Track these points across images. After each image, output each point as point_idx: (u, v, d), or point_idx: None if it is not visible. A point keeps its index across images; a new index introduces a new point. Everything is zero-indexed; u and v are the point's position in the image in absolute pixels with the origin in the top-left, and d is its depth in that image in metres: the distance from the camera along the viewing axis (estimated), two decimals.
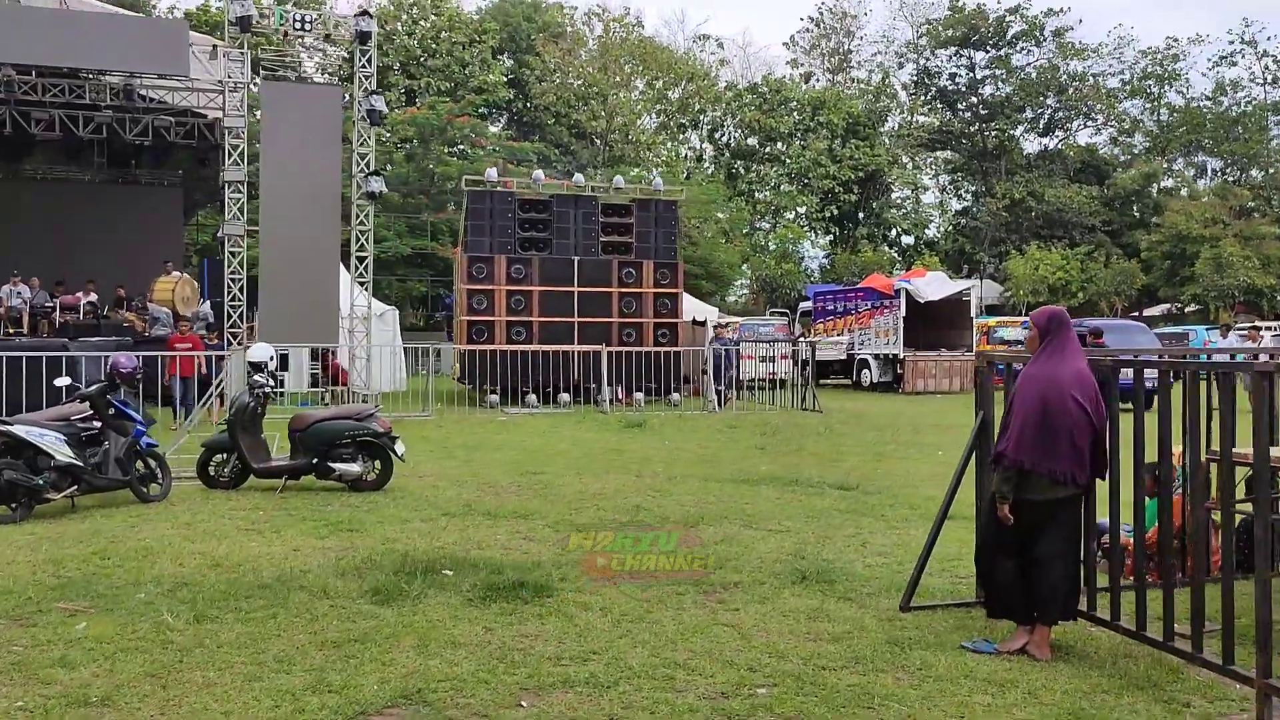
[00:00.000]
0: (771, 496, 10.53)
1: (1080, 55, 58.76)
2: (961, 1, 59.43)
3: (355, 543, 8.06)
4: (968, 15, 58.63)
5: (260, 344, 11.12)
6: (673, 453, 14.51)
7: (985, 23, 58.38)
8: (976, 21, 58.47)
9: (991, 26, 58.53)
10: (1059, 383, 5.31)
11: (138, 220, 26.03)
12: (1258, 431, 4.38)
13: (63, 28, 19.70)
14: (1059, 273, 48.29)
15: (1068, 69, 59.12)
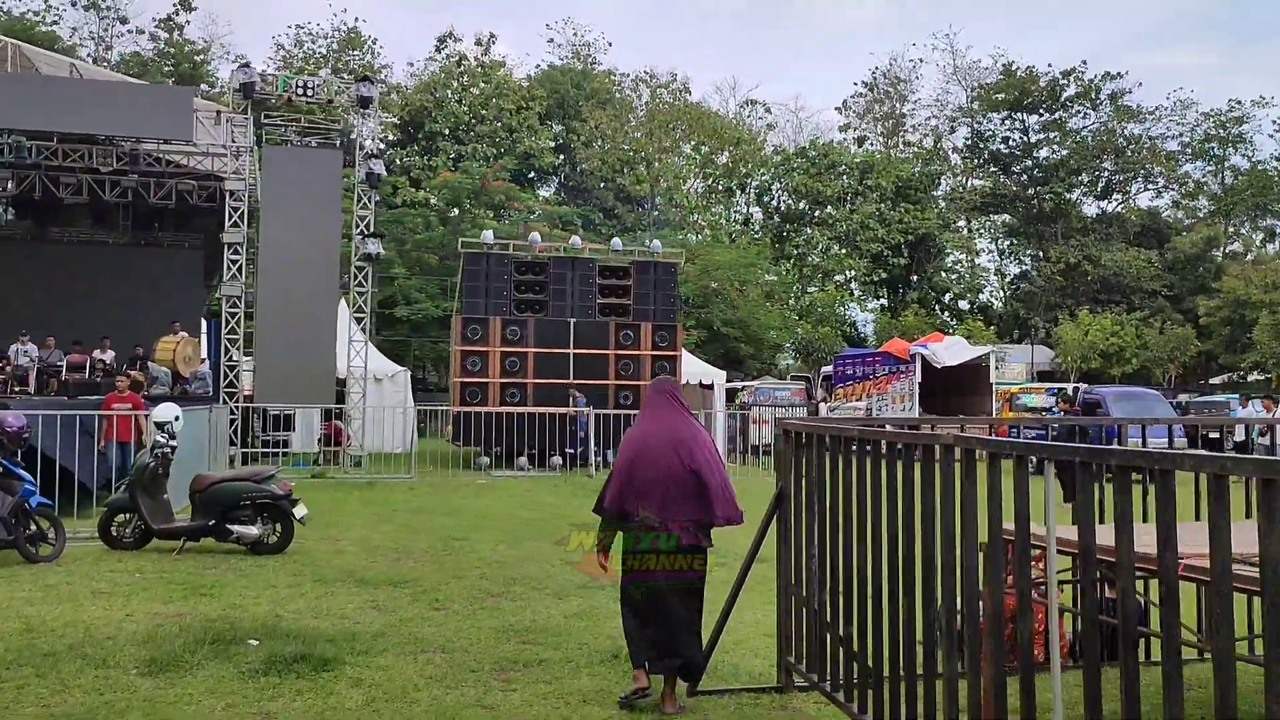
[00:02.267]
0: None
1: (1138, 118, 57.64)
2: (1014, 65, 58.88)
3: (194, 609, 7.86)
4: (1020, 79, 58.00)
5: (165, 404, 11.07)
6: None
7: (1037, 86, 57.68)
8: (1028, 85, 57.80)
9: (1044, 90, 57.80)
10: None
11: (160, 282, 26.55)
12: (1015, 510, 3.95)
13: (73, 95, 20.41)
14: (1112, 339, 46.92)
15: (1125, 132, 58.01)
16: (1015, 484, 3.76)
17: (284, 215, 21.18)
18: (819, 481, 5.41)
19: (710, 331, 44.51)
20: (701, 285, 45.69)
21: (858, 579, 4.84)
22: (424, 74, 55.28)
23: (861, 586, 4.80)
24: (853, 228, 54.01)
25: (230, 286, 21.27)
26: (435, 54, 56.99)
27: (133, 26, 53.07)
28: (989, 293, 60.55)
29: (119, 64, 50.46)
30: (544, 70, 58.34)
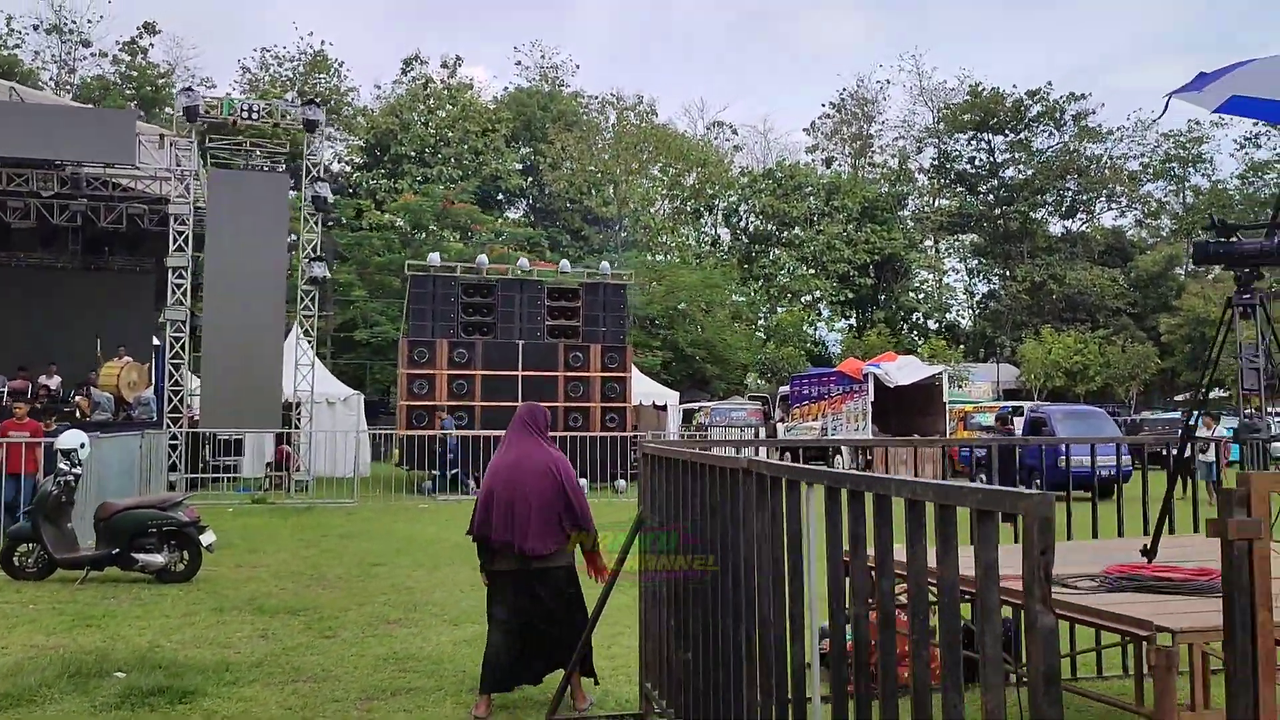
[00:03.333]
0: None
1: (1100, 138, 58.19)
2: (981, 86, 59.38)
3: (74, 640, 7.71)
4: (985, 100, 58.49)
5: (72, 431, 10.91)
6: None
7: (1003, 107, 58.19)
8: (994, 105, 58.30)
9: (1010, 110, 58.30)
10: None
11: (110, 307, 26.29)
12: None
13: (13, 118, 20.19)
14: (1076, 357, 47.18)
15: (1088, 152, 58.57)
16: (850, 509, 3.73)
17: (230, 239, 21.04)
18: (665, 504, 5.35)
19: (676, 352, 44.54)
20: (668, 306, 45.75)
21: (693, 602, 4.78)
22: (390, 97, 55.26)
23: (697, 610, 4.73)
24: (819, 248, 54.28)
25: (174, 311, 21.09)
26: (402, 76, 57.00)
27: (96, 50, 52.87)
28: (956, 311, 60.86)
29: (80, 87, 50.24)
30: (511, 93, 58.42)
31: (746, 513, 3.89)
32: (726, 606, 4.18)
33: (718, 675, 4.32)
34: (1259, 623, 2.05)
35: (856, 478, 2.95)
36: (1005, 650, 5.63)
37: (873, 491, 2.81)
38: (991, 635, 2.18)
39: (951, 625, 2.41)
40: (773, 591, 3.59)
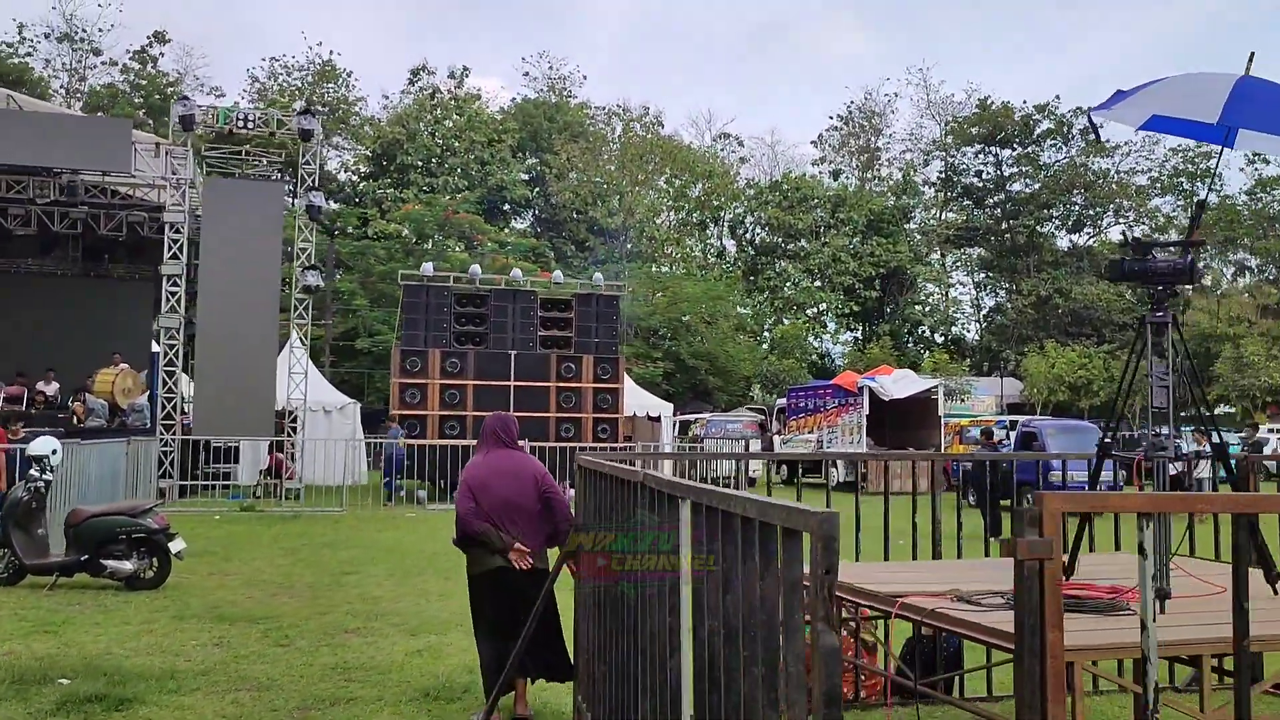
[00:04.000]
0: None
1: (1106, 152, 58.03)
2: (989, 99, 59.32)
3: (27, 646, 7.74)
4: (994, 113, 58.45)
5: (44, 437, 10.97)
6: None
7: (1011, 120, 58.13)
8: (1002, 119, 58.24)
9: (1018, 124, 58.23)
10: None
11: (109, 313, 26.45)
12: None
13: (10, 126, 20.36)
14: (1080, 371, 47.04)
15: (1095, 166, 58.43)
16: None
17: (225, 247, 21.12)
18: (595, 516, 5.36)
19: (678, 363, 44.54)
20: (670, 317, 45.77)
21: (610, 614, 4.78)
22: (398, 107, 55.52)
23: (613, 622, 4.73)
24: (825, 261, 54.28)
25: (168, 318, 21.19)
26: (409, 87, 57.26)
27: (106, 58, 53.28)
28: (961, 325, 60.73)
29: (90, 95, 50.62)
30: (518, 104, 58.63)
31: (640, 526, 3.90)
32: (628, 619, 4.19)
33: (623, 689, 4.33)
34: (1048, 643, 2.04)
35: (715, 494, 2.95)
36: (915, 667, 5.63)
37: (720, 508, 2.81)
38: (793, 654, 2.17)
39: (770, 644, 2.40)
40: (658, 605, 3.60)
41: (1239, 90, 4.08)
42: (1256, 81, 4.21)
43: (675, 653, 3.42)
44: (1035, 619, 2.05)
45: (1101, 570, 5.11)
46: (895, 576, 5.40)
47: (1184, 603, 4.21)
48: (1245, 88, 4.11)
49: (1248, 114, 4.10)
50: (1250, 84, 4.16)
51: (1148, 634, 2.45)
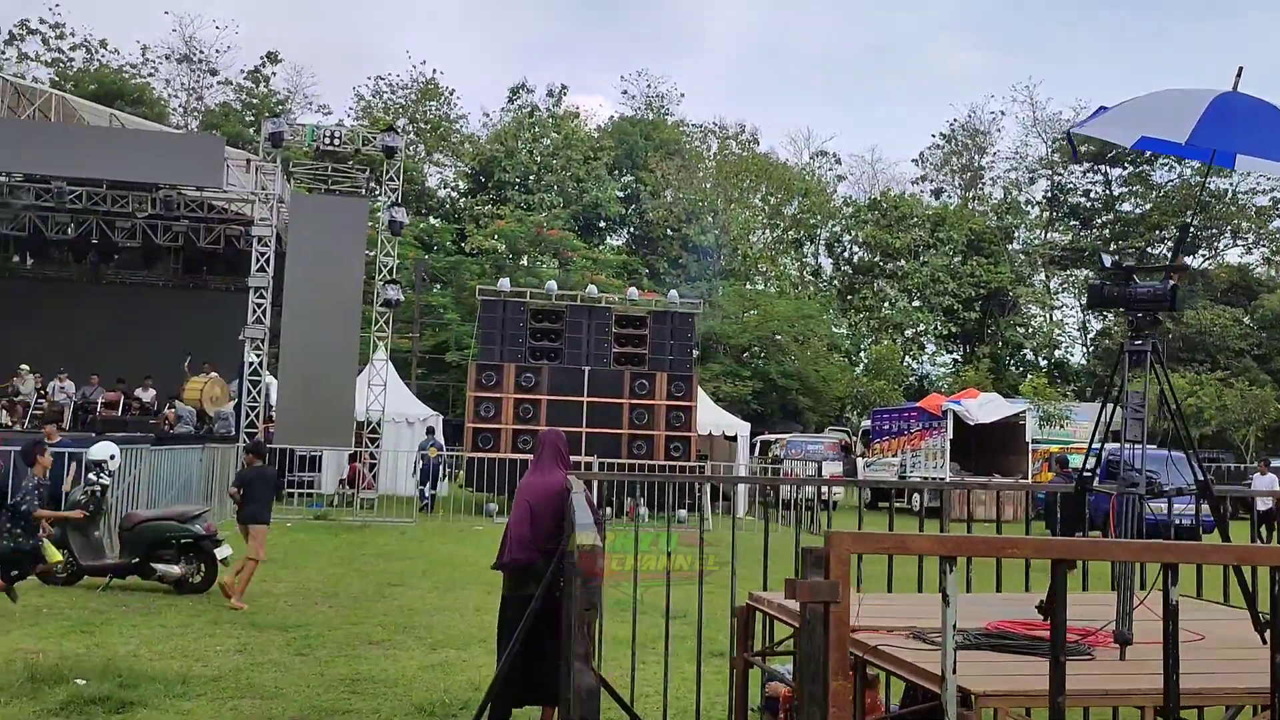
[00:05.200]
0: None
1: (1223, 171, 55.73)
2: None
3: (59, 645, 8.00)
4: None
5: (103, 443, 11.34)
6: None
7: None
8: None
9: None
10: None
11: (206, 323, 27.38)
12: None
13: (111, 143, 21.29)
14: (1190, 399, 45.14)
15: (1210, 186, 56.15)
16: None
17: (309, 260, 21.66)
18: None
19: (768, 382, 44.14)
20: (760, 335, 45.42)
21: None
22: (498, 124, 56.39)
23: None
24: (923, 281, 53.27)
25: (254, 329, 21.82)
26: (509, 105, 58.11)
27: (222, 78, 55.34)
28: (1066, 349, 58.94)
29: (205, 113, 52.64)
30: (615, 121, 59.02)
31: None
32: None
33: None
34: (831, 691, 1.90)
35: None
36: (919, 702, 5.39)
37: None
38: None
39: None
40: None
41: (1215, 108, 3.81)
42: (1239, 98, 3.94)
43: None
44: (817, 665, 1.91)
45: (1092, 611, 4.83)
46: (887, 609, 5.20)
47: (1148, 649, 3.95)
48: (1223, 106, 3.84)
49: (1220, 134, 3.84)
50: (1230, 101, 3.89)
51: (945, 686, 2.27)
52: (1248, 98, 3.96)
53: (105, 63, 52.24)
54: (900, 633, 4.15)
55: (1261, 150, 4.03)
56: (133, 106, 45.05)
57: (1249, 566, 4.43)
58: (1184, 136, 3.80)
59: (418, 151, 55.25)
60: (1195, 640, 4.12)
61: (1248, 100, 3.94)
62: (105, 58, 52.55)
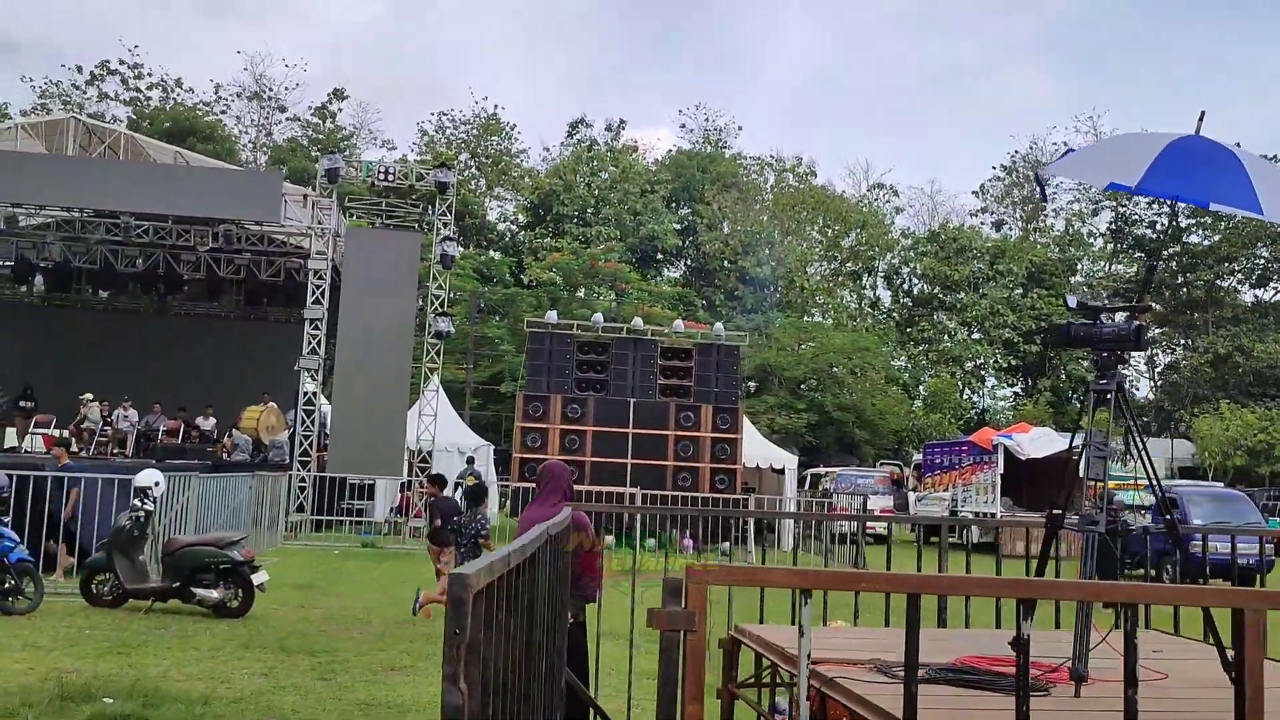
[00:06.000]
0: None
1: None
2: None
3: (94, 665, 8.30)
4: None
5: (148, 470, 11.73)
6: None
7: None
8: None
9: None
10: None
11: (266, 354, 28.08)
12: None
13: (175, 180, 22.06)
14: (1260, 435, 44.02)
15: None
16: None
17: (364, 293, 22.20)
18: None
19: (823, 415, 43.94)
20: (816, 367, 45.27)
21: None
22: (557, 158, 57.15)
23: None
24: (983, 313, 52.73)
25: (309, 360, 22.34)
26: (568, 139, 58.88)
27: (291, 114, 56.88)
28: (1131, 382, 57.73)
29: (273, 149, 54.09)
30: (673, 155, 59.48)
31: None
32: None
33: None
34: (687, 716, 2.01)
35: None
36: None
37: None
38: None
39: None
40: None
41: (1171, 152, 3.86)
42: (1197, 142, 3.98)
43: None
44: (672, 691, 2.03)
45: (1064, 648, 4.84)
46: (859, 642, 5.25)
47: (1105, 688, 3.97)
48: (1179, 150, 3.89)
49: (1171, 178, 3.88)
50: (1187, 145, 3.94)
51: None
52: (1207, 142, 4.00)
53: (180, 101, 54.01)
54: (864, 666, 4.22)
55: (1208, 196, 4.07)
56: (204, 143, 46.51)
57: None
58: (1135, 181, 3.87)
59: (478, 185, 56.21)
60: (1157, 680, 4.13)
61: (1206, 144, 3.98)
62: (180, 96, 54.36)
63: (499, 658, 2.67)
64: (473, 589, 2.06)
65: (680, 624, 2.05)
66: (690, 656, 2.05)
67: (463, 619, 2.03)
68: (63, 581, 12.02)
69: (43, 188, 21.52)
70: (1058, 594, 4.22)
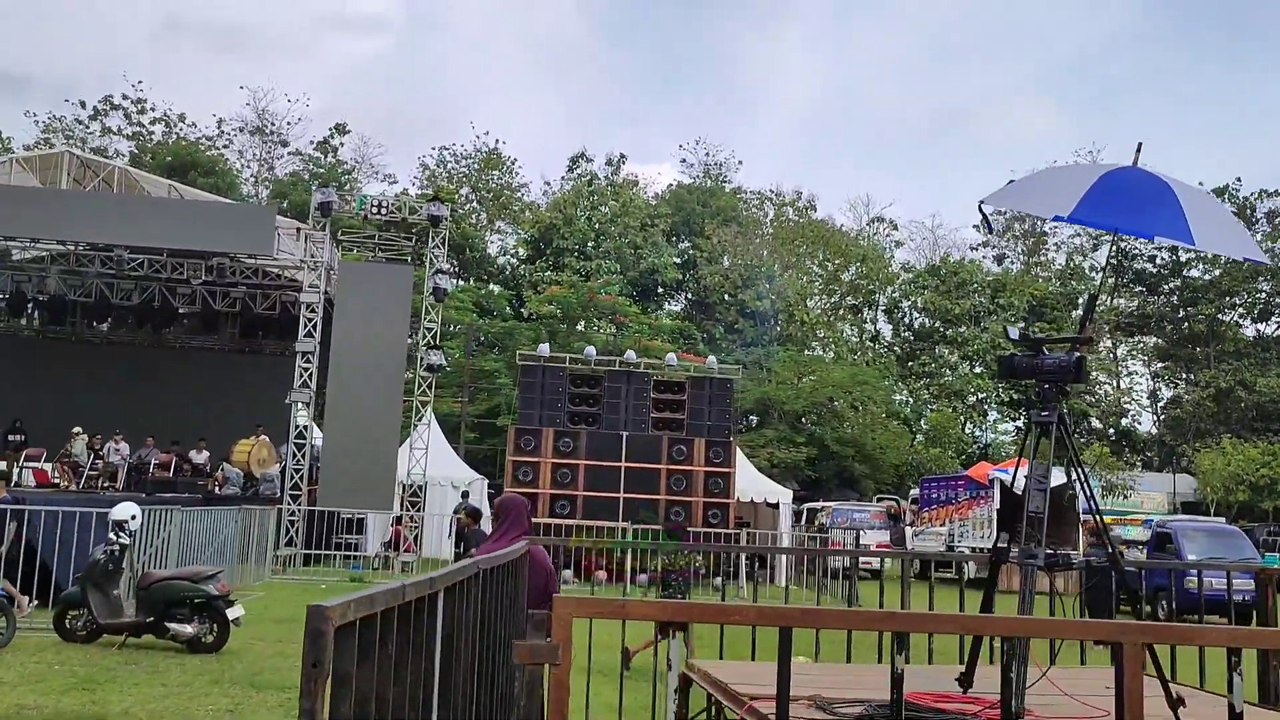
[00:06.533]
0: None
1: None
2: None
3: (57, 701, 8.20)
4: None
5: (125, 503, 11.65)
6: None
7: None
8: None
9: None
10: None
11: (261, 387, 28.05)
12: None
13: (168, 214, 22.13)
14: (1263, 469, 43.75)
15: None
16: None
17: (356, 326, 22.18)
18: None
19: (823, 449, 43.79)
20: (815, 401, 45.16)
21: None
22: (558, 192, 57.39)
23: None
24: (984, 346, 52.66)
25: (300, 393, 22.30)
26: (568, 173, 59.15)
27: (293, 149, 57.22)
28: (1133, 417, 57.61)
29: (275, 183, 54.38)
30: (673, 189, 59.71)
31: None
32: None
33: None
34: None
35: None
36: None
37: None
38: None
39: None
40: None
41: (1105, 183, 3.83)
42: (1131, 174, 3.94)
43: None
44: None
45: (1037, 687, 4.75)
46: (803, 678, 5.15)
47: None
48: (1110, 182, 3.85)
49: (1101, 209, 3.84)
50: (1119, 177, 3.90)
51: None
52: (1142, 173, 3.97)
53: (182, 135, 54.37)
54: (803, 702, 4.14)
55: (1140, 226, 4.04)
56: (205, 177, 46.78)
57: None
58: (1068, 211, 3.83)
59: (479, 219, 56.42)
60: (1098, 716, 4.04)
61: (1141, 175, 3.95)
62: (183, 130, 54.73)
63: (388, 695, 2.60)
64: (332, 621, 2.00)
65: (544, 656, 2.00)
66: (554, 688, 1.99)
67: (320, 652, 1.97)
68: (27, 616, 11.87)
69: (37, 222, 21.58)
70: (933, 627, 4.13)
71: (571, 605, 2.03)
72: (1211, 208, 3.87)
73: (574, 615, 2.05)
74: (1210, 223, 3.76)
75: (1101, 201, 3.82)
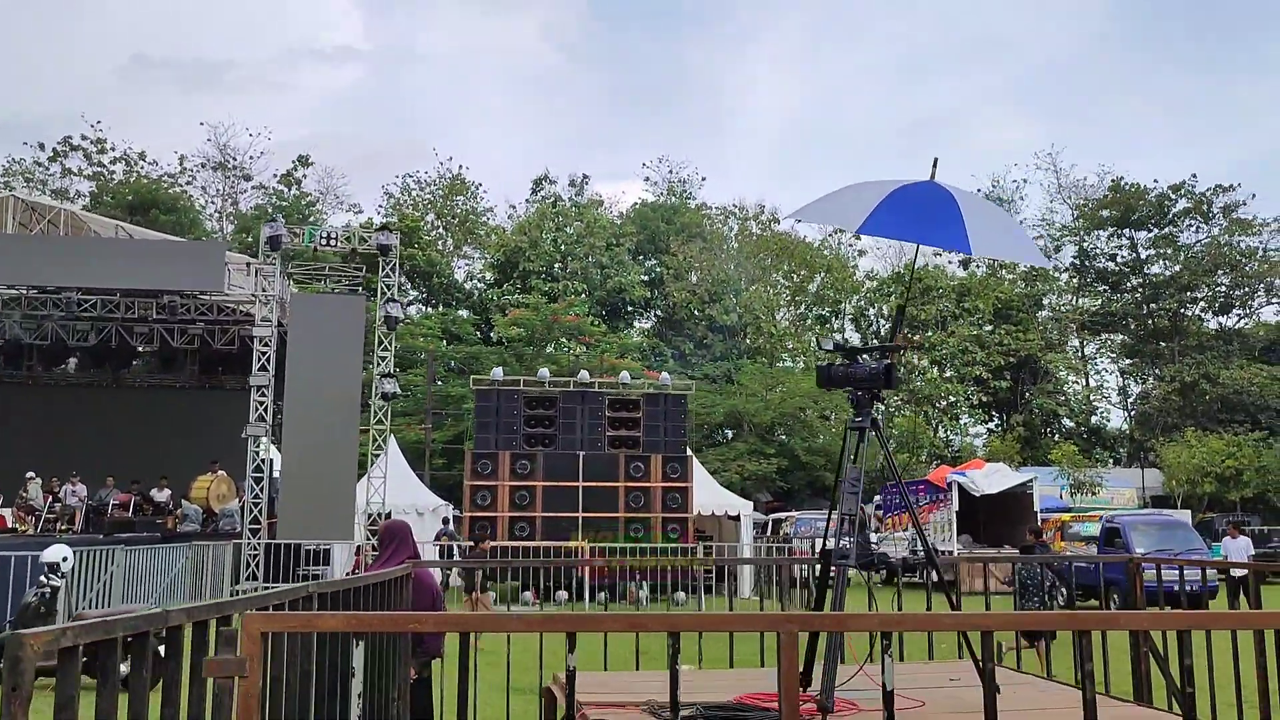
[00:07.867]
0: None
1: (1254, 231, 55.27)
2: (1121, 180, 57.57)
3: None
4: (1127, 194, 56.63)
5: (57, 545, 11.68)
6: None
7: (1145, 201, 56.16)
8: (1136, 200, 56.34)
9: (1153, 205, 56.21)
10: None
11: (220, 423, 28.04)
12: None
13: (116, 254, 22.16)
14: (1228, 460, 44.21)
15: (1240, 245, 55.68)
16: None
17: (310, 358, 22.20)
18: None
19: (793, 459, 44.01)
20: (785, 412, 45.40)
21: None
22: (522, 216, 57.62)
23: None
24: (951, 351, 53.06)
25: (255, 428, 22.31)
26: (533, 196, 59.40)
27: (256, 182, 57.28)
28: (1102, 414, 58.13)
29: (238, 217, 54.40)
30: (638, 208, 60.05)
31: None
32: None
33: None
34: None
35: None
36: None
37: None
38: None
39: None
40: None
41: (895, 197, 4.01)
42: (923, 187, 4.12)
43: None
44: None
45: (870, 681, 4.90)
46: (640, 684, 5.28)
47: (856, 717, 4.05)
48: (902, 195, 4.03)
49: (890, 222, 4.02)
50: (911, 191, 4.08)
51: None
52: (931, 186, 4.14)
53: (143, 174, 54.33)
54: (635, 708, 4.28)
55: (923, 236, 4.22)
56: (167, 214, 46.80)
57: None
58: (857, 225, 4.01)
59: (446, 245, 56.55)
60: (914, 707, 4.19)
61: (930, 188, 4.12)
62: (144, 169, 54.70)
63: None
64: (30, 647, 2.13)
65: (232, 670, 2.13)
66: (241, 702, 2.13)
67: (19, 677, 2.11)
68: None
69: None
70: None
71: (259, 620, 2.16)
72: (992, 217, 4.05)
73: (260, 629, 2.19)
74: (988, 230, 3.94)
75: (890, 215, 3.99)
